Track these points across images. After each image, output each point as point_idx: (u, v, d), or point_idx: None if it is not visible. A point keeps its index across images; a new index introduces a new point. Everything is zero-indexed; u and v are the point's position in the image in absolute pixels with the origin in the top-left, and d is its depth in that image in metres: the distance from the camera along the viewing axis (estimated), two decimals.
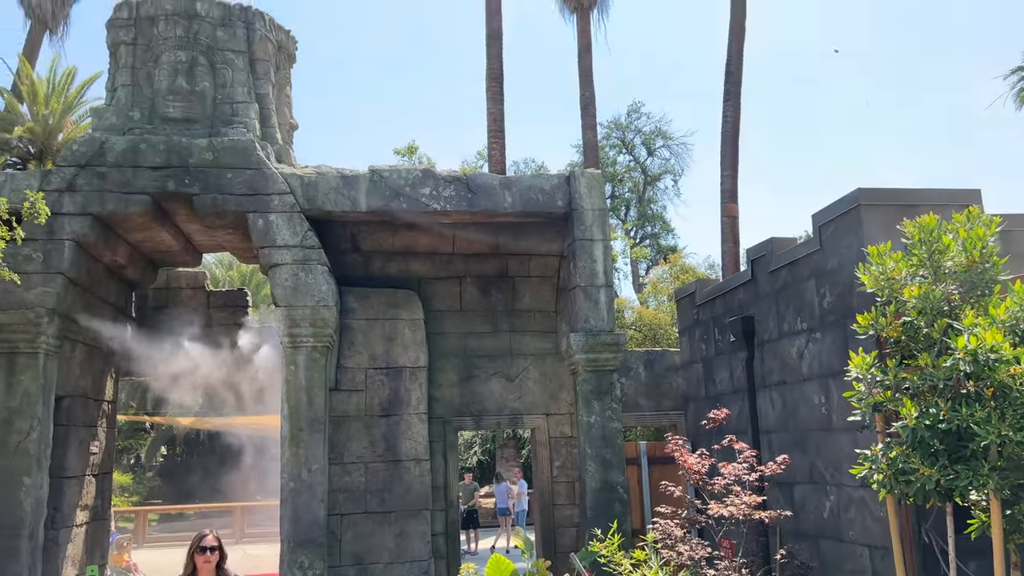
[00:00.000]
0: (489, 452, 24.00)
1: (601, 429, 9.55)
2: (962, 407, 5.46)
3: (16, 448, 8.61)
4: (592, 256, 9.88)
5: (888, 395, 6.00)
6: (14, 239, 7.00)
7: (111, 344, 10.65)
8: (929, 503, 5.80)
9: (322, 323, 9.31)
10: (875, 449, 6.08)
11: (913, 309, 6.11)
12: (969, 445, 5.47)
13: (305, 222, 9.49)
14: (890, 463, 5.82)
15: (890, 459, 5.83)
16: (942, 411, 5.52)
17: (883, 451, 5.97)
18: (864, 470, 6.12)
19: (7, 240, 6.85)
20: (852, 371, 6.29)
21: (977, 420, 5.36)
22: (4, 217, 6.87)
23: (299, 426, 9.20)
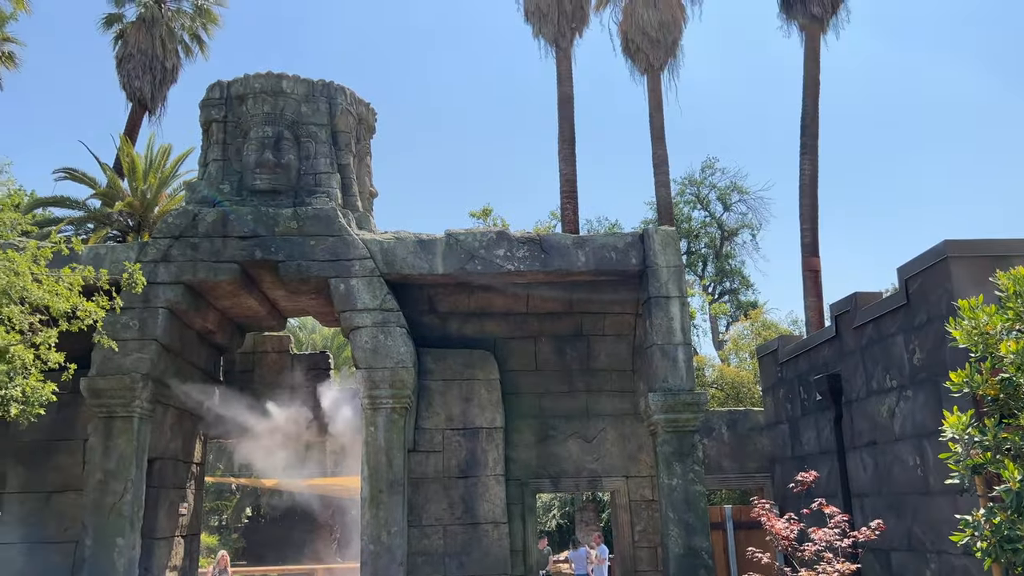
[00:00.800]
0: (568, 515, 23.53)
1: (683, 492, 9.30)
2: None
3: (111, 509, 8.94)
4: (668, 313, 9.78)
5: (988, 456, 5.66)
6: (113, 308, 7.38)
7: (200, 407, 11.04)
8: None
9: (401, 384, 9.44)
10: (977, 515, 5.72)
11: (1011, 365, 5.79)
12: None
13: (384, 286, 9.74)
14: (994, 529, 5.45)
15: (994, 525, 5.46)
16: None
17: (986, 516, 5.60)
18: (966, 537, 5.75)
19: (107, 309, 7.24)
20: (947, 431, 5.97)
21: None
22: (104, 287, 7.27)
23: (379, 488, 9.27)
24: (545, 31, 23.35)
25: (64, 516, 9.58)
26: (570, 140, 22.16)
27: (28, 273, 6.26)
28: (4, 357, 5.97)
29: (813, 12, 21.68)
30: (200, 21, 27.27)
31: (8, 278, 6.07)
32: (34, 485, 9.75)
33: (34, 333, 6.45)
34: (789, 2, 22.27)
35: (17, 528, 9.63)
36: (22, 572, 9.46)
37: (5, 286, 6.01)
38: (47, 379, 7.14)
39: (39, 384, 6.50)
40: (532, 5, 23.31)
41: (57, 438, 9.87)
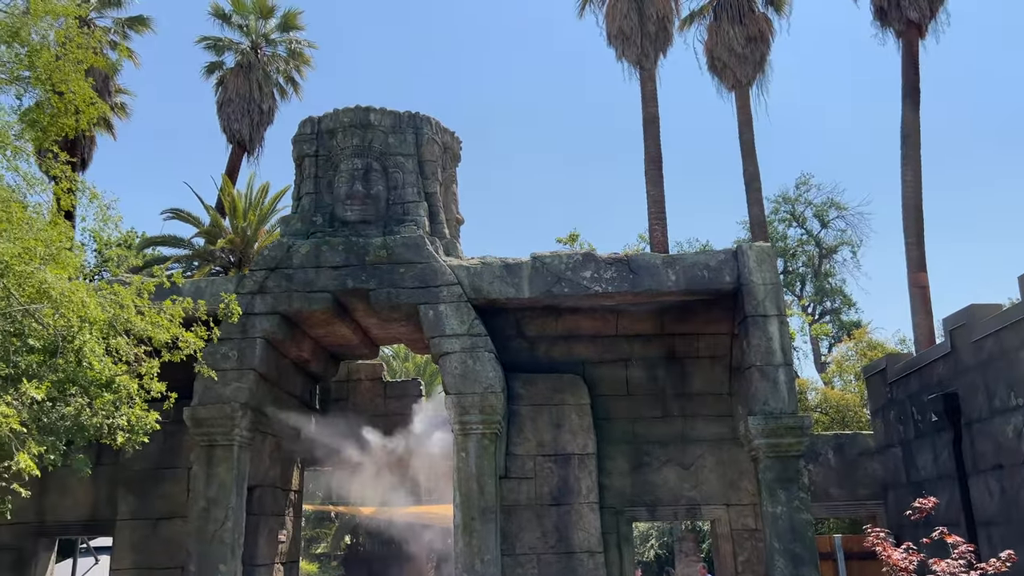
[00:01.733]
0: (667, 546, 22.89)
1: (789, 521, 8.82)
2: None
3: (213, 536, 9.16)
4: (767, 333, 9.38)
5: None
6: (211, 338, 7.60)
7: (297, 435, 11.25)
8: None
9: (490, 409, 9.36)
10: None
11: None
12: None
13: (472, 311, 9.72)
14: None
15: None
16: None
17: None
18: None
19: (205, 339, 7.46)
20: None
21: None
22: (203, 318, 7.50)
23: (471, 515, 9.18)
24: (628, 53, 23.24)
25: (171, 543, 9.87)
26: (656, 160, 21.89)
27: (132, 306, 6.52)
28: (111, 387, 6.21)
29: (910, 17, 20.81)
30: (293, 64, 28.43)
31: (114, 311, 6.33)
32: (143, 512, 10.10)
33: (139, 364, 6.69)
34: (883, 8, 21.44)
35: (129, 554, 9.99)
36: None
37: (111, 318, 6.27)
38: (150, 408, 7.38)
39: (143, 413, 6.71)
40: (615, 28, 23.26)
41: (164, 466, 10.22)
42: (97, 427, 6.19)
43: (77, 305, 5.77)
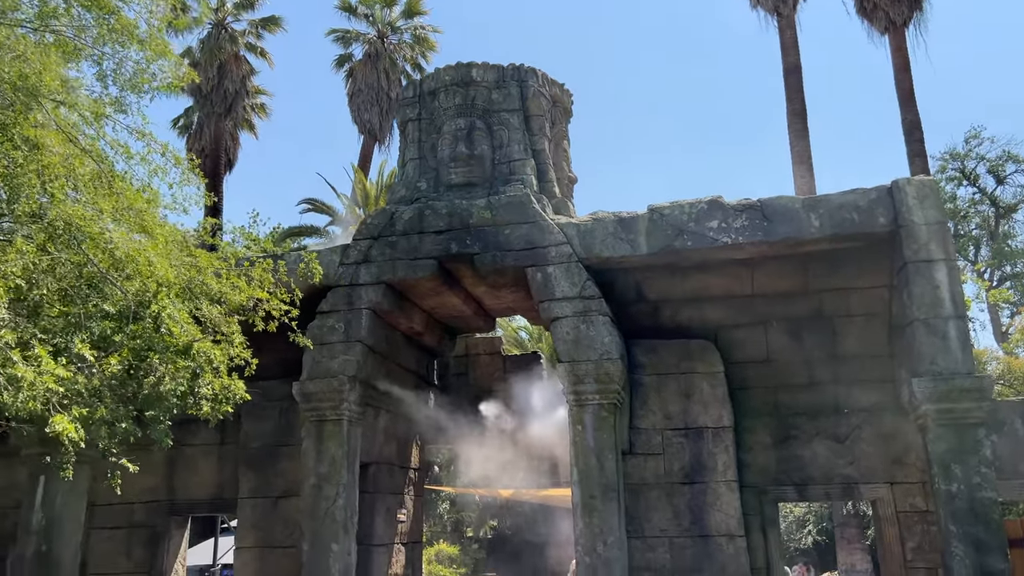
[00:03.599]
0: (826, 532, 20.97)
1: (967, 500, 7.39)
2: None
3: (325, 514, 8.86)
4: (932, 280, 7.94)
5: None
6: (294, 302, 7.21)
7: (413, 412, 10.84)
8: None
9: (607, 378, 8.50)
10: None
11: None
12: None
13: (583, 272, 8.88)
14: None
15: None
16: None
17: None
18: None
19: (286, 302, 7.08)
20: None
21: None
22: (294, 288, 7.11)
23: (591, 493, 8.37)
24: (764, 0, 21.45)
25: (289, 521, 9.70)
26: (800, 113, 20.05)
27: (209, 268, 6.20)
28: (188, 354, 5.90)
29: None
30: (419, 49, 28.47)
31: (190, 274, 6.03)
32: (262, 490, 10.00)
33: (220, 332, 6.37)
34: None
35: (251, 532, 9.92)
36: (257, 574, 9.69)
37: (187, 282, 5.97)
38: (243, 379, 7.09)
39: (229, 381, 6.38)
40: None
41: (280, 444, 10.08)
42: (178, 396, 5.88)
43: (144, 265, 5.48)
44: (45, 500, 9.19)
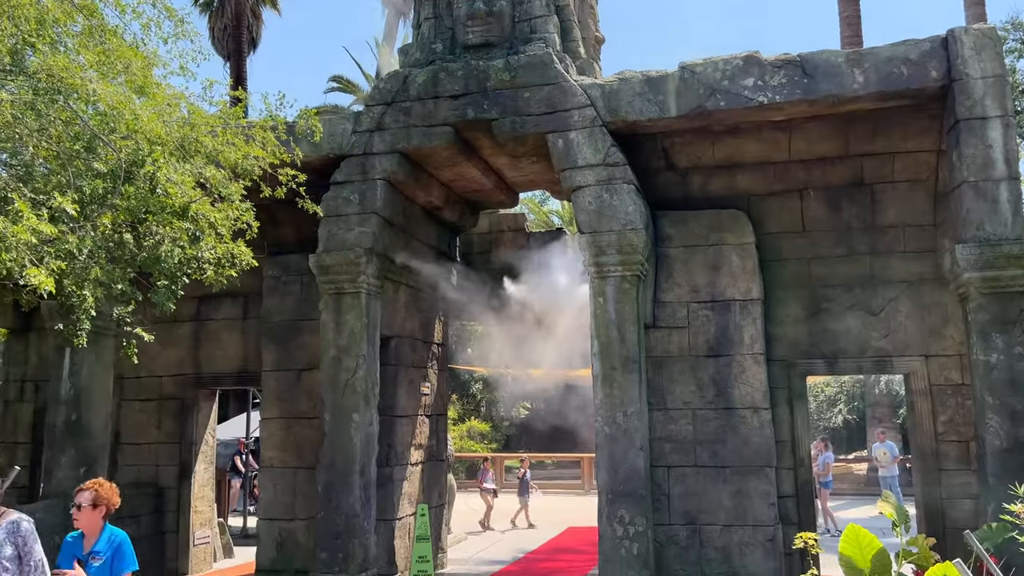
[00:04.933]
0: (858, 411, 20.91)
1: (1007, 371, 7.04)
2: None
3: (345, 385, 8.84)
4: (985, 139, 7.32)
5: None
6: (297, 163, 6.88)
7: (435, 287, 10.67)
8: None
9: (630, 249, 8.14)
10: None
11: None
12: None
13: (608, 137, 8.38)
14: None
15: None
16: None
17: None
18: None
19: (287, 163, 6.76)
20: None
21: None
22: None
23: (611, 365, 8.19)
24: None
25: (312, 393, 9.75)
26: None
27: (202, 126, 5.87)
28: (186, 216, 5.66)
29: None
30: None
31: (182, 131, 5.71)
32: (285, 363, 10.03)
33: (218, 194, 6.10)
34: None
35: (275, 404, 10.01)
36: (282, 444, 9.84)
37: (179, 140, 5.66)
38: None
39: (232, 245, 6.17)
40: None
41: (301, 318, 10.02)
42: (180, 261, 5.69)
43: (130, 120, 5.17)
44: (72, 371, 9.32)
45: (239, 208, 6.19)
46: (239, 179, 6.67)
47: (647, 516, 8.01)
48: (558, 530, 14.41)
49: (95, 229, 5.16)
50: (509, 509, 15.72)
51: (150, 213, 5.54)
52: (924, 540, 5.80)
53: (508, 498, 16.72)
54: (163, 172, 5.57)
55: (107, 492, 4.52)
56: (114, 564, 4.44)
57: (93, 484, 4.56)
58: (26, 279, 4.30)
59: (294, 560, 9.50)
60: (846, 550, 5.64)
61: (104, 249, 5.29)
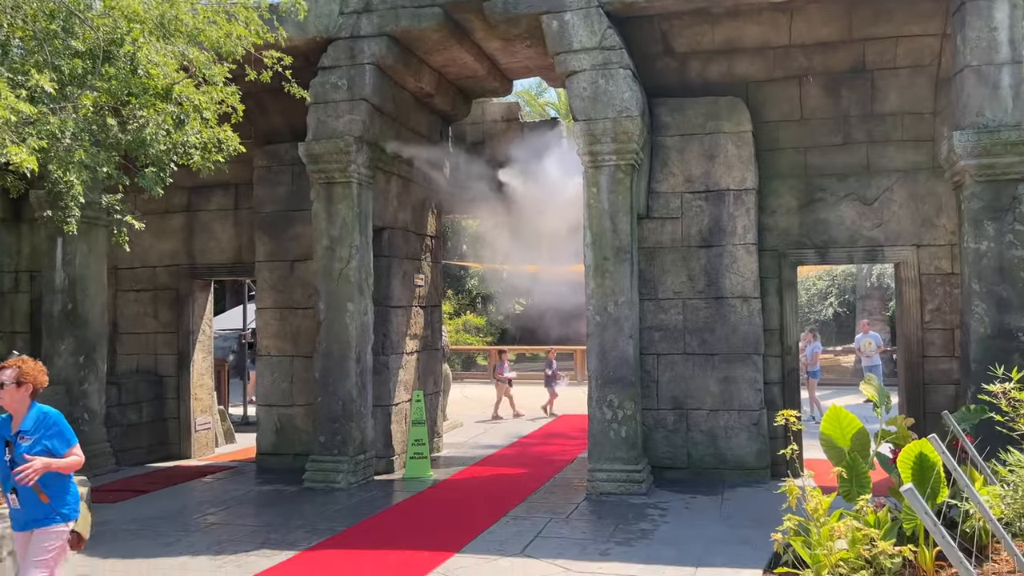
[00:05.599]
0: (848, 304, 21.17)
1: (996, 259, 7.09)
2: None
3: (339, 275, 8.88)
4: (990, 21, 7.10)
5: None
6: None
7: (427, 178, 10.57)
8: None
9: (625, 137, 8.02)
10: None
11: None
12: None
13: (604, 18, 8.11)
14: None
15: None
16: None
17: None
18: None
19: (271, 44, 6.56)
20: None
21: None
22: None
23: (603, 255, 8.21)
24: None
25: (306, 284, 9.81)
26: None
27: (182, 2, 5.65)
28: (170, 98, 5.53)
29: None
30: None
31: (161, 8, 5.50)
32: (278, 254, 10.04)
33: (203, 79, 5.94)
34: None
35: (270, 294, 10.09)
36: (278, 333, 9.97)
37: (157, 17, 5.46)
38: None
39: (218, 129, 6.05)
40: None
41: (293, 208, 9.97)
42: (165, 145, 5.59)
43: None
44: (65, 261, 9.33)
45: (224, 91, 6.04)
46: (223, 61, 6.49)
47: (635, 401, 8.21)
48: (552, 417, 14.82)
49: (76, 111, 5.04)
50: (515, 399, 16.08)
51: (132, 95, 5.41)
52: (903, 420, 5.97)
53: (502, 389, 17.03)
54: (144, 52, 5.40)
55: (31, 369, 4.13)
56: (49, 443, 4.03)
57: (16, 361, 4.15)
58: (7, 157, 4.23)
59: (294, 444, 9.80)
60: (827, 430, 5.81)
61: (87, 132, 5.19)
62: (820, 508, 4.73)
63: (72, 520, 4.09)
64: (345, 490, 8.45)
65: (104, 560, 6.06)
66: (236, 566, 5.85)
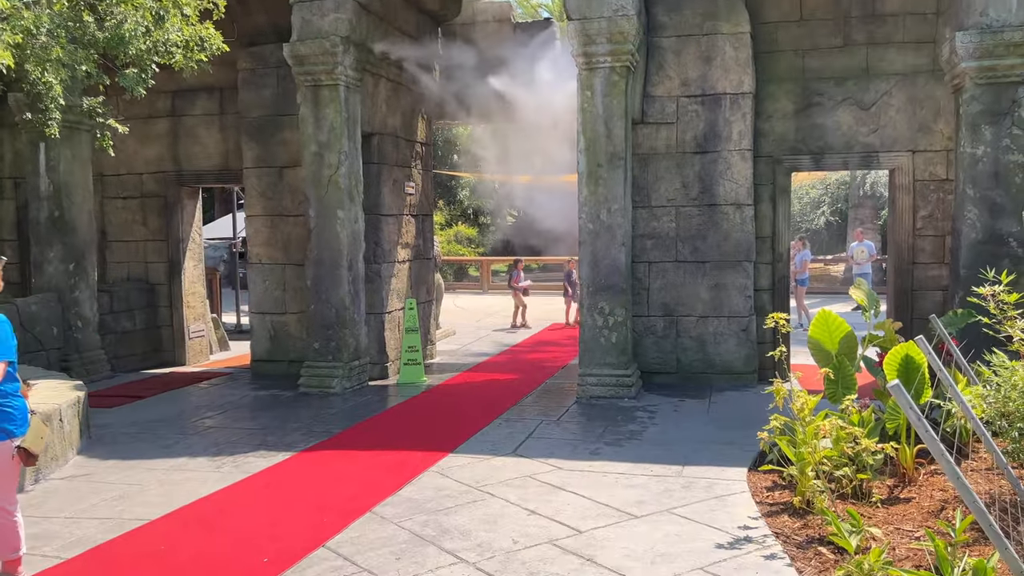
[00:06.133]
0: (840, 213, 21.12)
1: (992, 163, 7.04)
2: None
3: (328, 181, 8.76)
4: None
5: None
6: None
7: (416, 81, 10.31)
8: None
9: (620, 37, 7.79)
10: None
11: None
12: None
13: None
14: None
15: None
16: None
17: None
18: None
19: None
20: None
21: None
22: None
23: (597, 162, 8.11)
24: None
25: (295, 190, 9.70)
26: None
27: None
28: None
29: None
30: None
31: None
32: (266, 160, 9.89)
33: None
34: None
35: (259, 201, 9.98)
36: (268, 241, 9.92)
37: None
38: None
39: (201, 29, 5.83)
40: None
41: (280, 113, 9.76)
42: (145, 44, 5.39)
43: None
44: (48, 167, 9.16)
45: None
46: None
47: (627, 308, 8.26)
48: (543, 326, 14.96)
49: (51, 5, 4.83)
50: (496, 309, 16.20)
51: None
52: (891, 324, 6.05)
53: (479, 299, 17.16)
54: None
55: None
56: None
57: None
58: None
59: (288, 351, 9.88)
60: (816, 334, 5.89)
61: (63, 28, 4.99)
62: (806, 408, 4.84)
63: (17, 436, 3.86)
64: (340, 395, 8.58)
65: (104, 461, 6.18)
66: (234, 466, 5.98)
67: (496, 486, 5.38)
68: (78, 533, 4.67)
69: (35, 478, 5.65)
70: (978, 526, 4.02)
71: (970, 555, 3.52)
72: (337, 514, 4.88)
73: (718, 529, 4.51)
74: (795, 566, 3.95)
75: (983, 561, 3.29)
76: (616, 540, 4.38)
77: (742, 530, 4.48)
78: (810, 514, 4.58)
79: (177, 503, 5.16)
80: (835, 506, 4.54)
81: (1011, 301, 4.73)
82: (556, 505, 4.97)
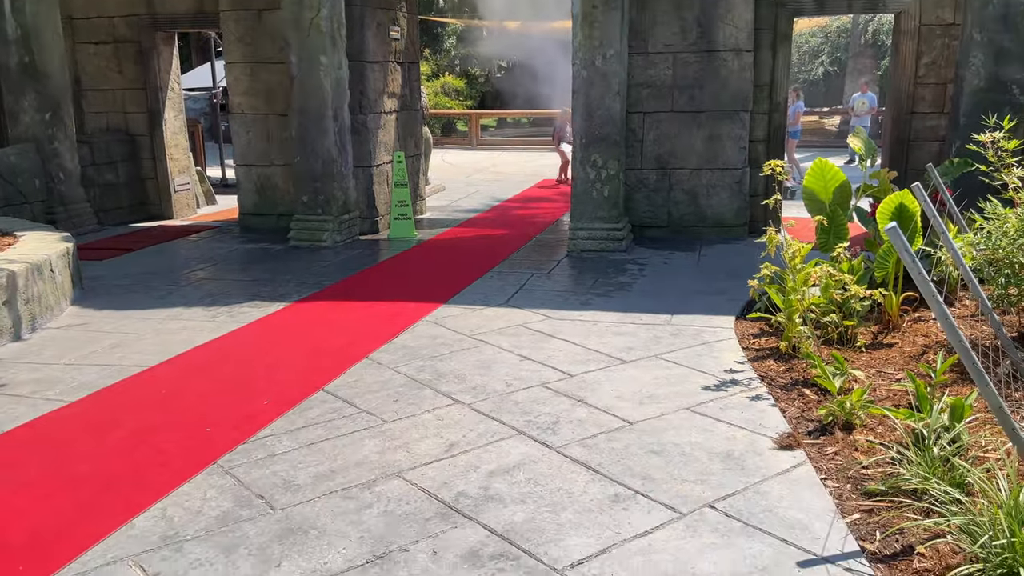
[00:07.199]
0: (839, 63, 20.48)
1: (1002, 6, 6.73)
2: None
3: (309, 25, 8.36)
4: None
5: None
6: None
7: None
8: None
9: None
10: None
11: None
12: None
13: None
14: None
15: None
16: None
17: None
18: None
19: None
20: None
21: None
22: None
23: (592, 3, 7.73)
24: None
25: (275, 35, 9.26)
26: None
27: None
28: None
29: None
30: None
31: None
32: (243, 2, 9.38)
33: None
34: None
35: (237, 47, 9.56)
36: (250, 90, 9.58)
37: None
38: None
39: None
40: None
41: None
42: None
43: None
44: (14, 7, 8.69)
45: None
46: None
47: (620, 160, 8.14)
48: (533, 182, 14.81)
49: None
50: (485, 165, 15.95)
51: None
52: (886, 174, 5.99)
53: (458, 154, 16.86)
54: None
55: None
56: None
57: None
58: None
59: (276, 204, 9.78)
60: (810, 183, 5.84)
61: None
62: (797, 256, 4.87)
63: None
64: (331, 248, 8.57)
65: (99, 312, 6.23)
66: (229, 316, 6.04)
67: (489, 334, 5.47)
68: (80, 378, 4.76)
69: (32, 327, 5.70)
70: (957, 368, 4.15)
71: (949, 395, 3.64)
72: (334, 360, 4.98)
73: (705, 373, 4.64)
74: (779, 406, 4.10)
75: (961, 399, 3.41)
76: (606, 383, 4.51)
77: (728, 373, 4.61)
78: (795, 359, 4.71)
79: (175, 351, 5.24)
80: (820, 351, 4.66)
81: (1010, 148, 4.66)
82: (548, 351, 5.08)
